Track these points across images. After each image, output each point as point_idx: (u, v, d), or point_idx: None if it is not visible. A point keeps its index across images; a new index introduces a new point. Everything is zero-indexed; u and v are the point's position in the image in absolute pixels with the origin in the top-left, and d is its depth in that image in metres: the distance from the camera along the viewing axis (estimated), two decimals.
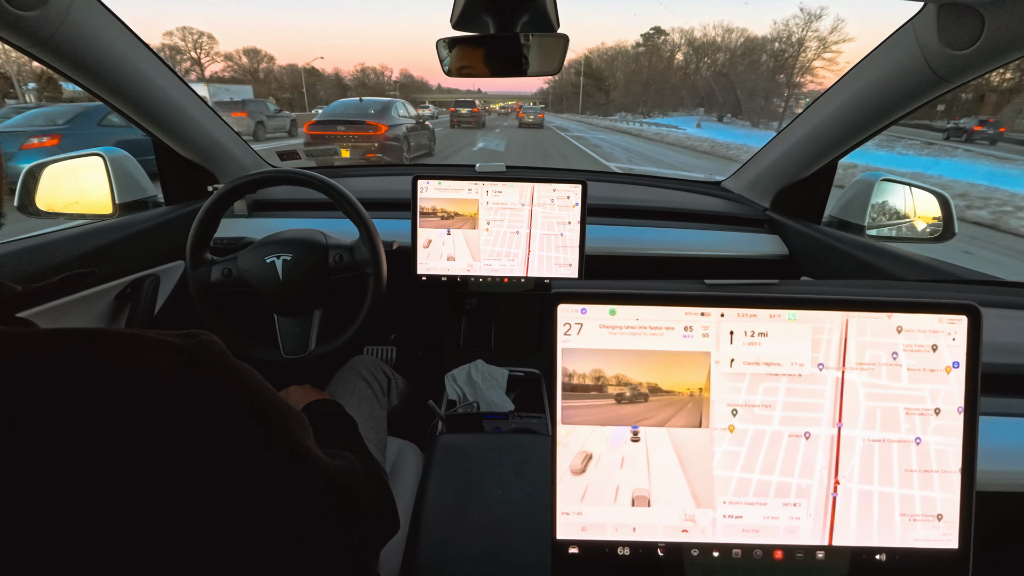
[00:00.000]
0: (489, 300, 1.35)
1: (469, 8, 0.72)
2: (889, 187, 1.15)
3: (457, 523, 0.70)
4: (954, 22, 0.71)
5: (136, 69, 0.92)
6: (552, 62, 0.82)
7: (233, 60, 77.75)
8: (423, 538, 0.68)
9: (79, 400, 0.31)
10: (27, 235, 0.86)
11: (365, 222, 0.95)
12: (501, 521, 0.70)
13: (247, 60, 79.61)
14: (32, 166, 1.03)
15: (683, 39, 76.86)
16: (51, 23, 0.73)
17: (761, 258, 1.26)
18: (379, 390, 1.00)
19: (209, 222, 0.94)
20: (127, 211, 1.10)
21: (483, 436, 0.92)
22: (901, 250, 0.97)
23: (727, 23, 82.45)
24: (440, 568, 0.65)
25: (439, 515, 0.71)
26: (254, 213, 1.29)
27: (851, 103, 0.96)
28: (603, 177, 1.60)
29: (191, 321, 0.99)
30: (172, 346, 0.35)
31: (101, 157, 1.09)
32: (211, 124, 1.16)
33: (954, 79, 0.77)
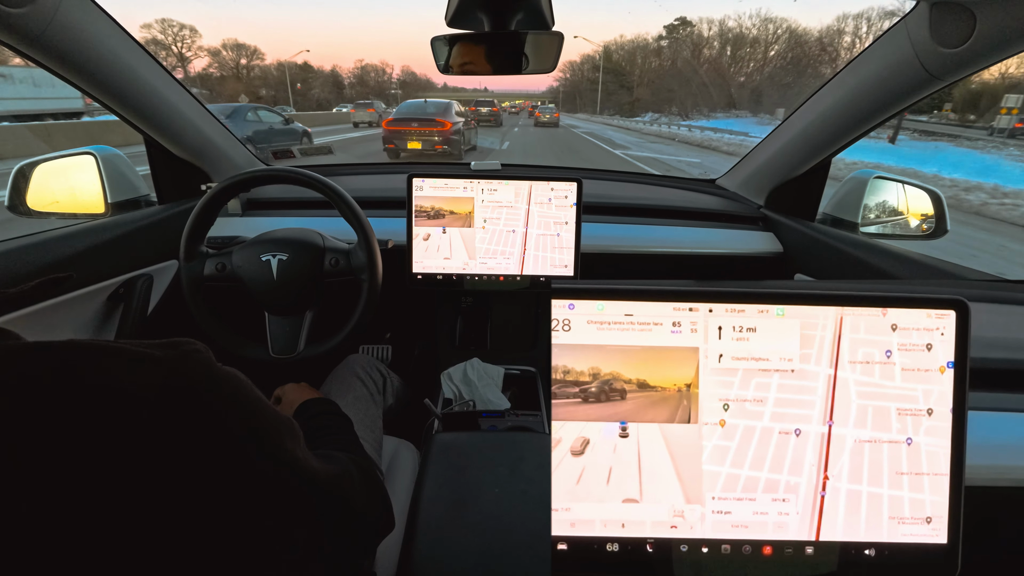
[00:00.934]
0: (485, 298, 1.35)
1: (464, 6, 0.72)
2: (882, 184, 1.16)
3: (454, 521, 0.70)
4: (946, 20, 0.71)
5: (127, 67, 0.91)
6: (547, 60, 0.82)
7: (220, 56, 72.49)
8: (420, 536, 0.68)
9: (55, 416, 0.31)
10: (19, 236, 0.85)
11: (363, 225, 0.95)
12: (497, 519, 0.71)
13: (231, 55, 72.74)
14: (23, 165, 1.02)
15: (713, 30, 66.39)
16: (41, 21, 0.73)
17: (755, 255, 1.26)
18: (375, 389, 1.00)
19: (206, 215, 0.94)
20: (120, 210, 1.09)
21: (479, 434, 0.93)
22: (895, 247, 0.98)
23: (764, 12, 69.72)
24: (437, 566, 0.65)
25: (435, 513, 0.71)
26: (248, 212, 1.28)
27: (844, 101, 0.97)
28: (598, 175, 1.60)
29: (184, 321, 0.99)
30: (152, 359, 0.35)
31: (93, 156, 1.08)
32: (204, 122, 1.15)
33: (946, 77, 0.77)
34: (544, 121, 27.96)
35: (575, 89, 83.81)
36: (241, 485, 0.37)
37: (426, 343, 1.52)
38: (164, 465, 0.33)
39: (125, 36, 0.90)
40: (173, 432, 0.34)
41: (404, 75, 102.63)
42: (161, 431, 0.33)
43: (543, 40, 0.79)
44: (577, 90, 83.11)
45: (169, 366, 0.35)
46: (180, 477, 0.34)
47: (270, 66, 74.87)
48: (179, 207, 1.15)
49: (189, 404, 0.35)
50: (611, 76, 73.92)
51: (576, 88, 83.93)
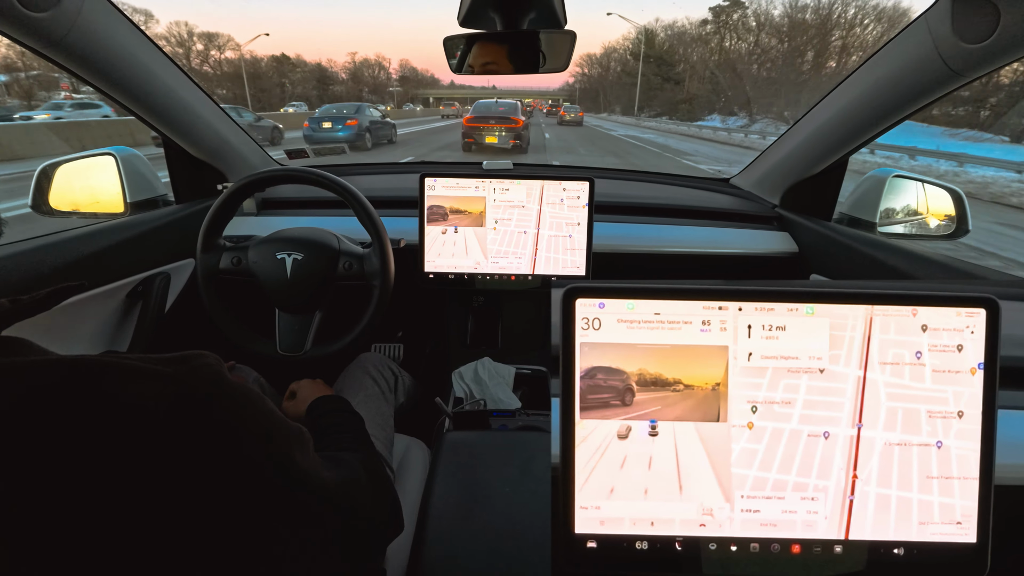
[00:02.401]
0: (496, 298, 1.35)
1: (477, 5, 0.72)
2: (901, 183, 1.14)
3: (464, 520, 0.70)
4: (969, 15, 0.70)
5: (146, 68, 0.93)
6: (560, 59, 0.82)
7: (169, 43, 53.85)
8: (430, 535, 0.68)
9: (63, 431, 0.31)
10: (42, 235, 0.87)
11: (377, 228, 0.95)
12: (508, 518, 0.70)
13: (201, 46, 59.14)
14: (46, 165, 1.04)
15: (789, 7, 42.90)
16: (64, 24, 0.74)
17: (770, 255, 1.25)
18: (386, 387, 1.01)
19: (223, 214, 0.96)
20: (138, 210, 1.11)
21: (490, 434, 0.93)
22: (913, 247, 0.96)
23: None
24: (446, 565, 0.65)
25: (446, 512, 0.72)
26: (263, 211, 1.30)
27: (863, 98, 0.95)
28: (611, 174, 1.59)
29: (200, 318, 1.00)
30: (161, 375, 0.35)
31: (113, 156, 1.10)
32: (220, 123, 1.17)
33: (968, 73, 0.75)
34: (568, 120, 28.64)
35: (597, 85, 70.98)
36: (249, 494, 0.38)
37: (437, 342, 1.53)
38: (174, 477, 0.34)
39: (143, 38, 0.91)
40: (182, 445, 0.34)
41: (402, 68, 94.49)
42: (171, 444, 0.34)
43: (556, 39, 0.79)
44: (601, 86, 69.45)
45: (179, 380, 0.36)
46: (190, 488, 0.34)
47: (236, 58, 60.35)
48: (196, 207, 1.16)
49: (198, 417, 0.35)
50: (652, 67, 54.13)
51: (599, 84, 70.46)
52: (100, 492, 0.31)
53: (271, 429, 0.41)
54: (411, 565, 0.67)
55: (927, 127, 18.35)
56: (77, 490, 0.31)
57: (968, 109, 21.80)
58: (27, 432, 0.31)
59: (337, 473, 0.49)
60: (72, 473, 0.31)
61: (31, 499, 0.30)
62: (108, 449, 0.32)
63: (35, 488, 0.30)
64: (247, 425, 0.39)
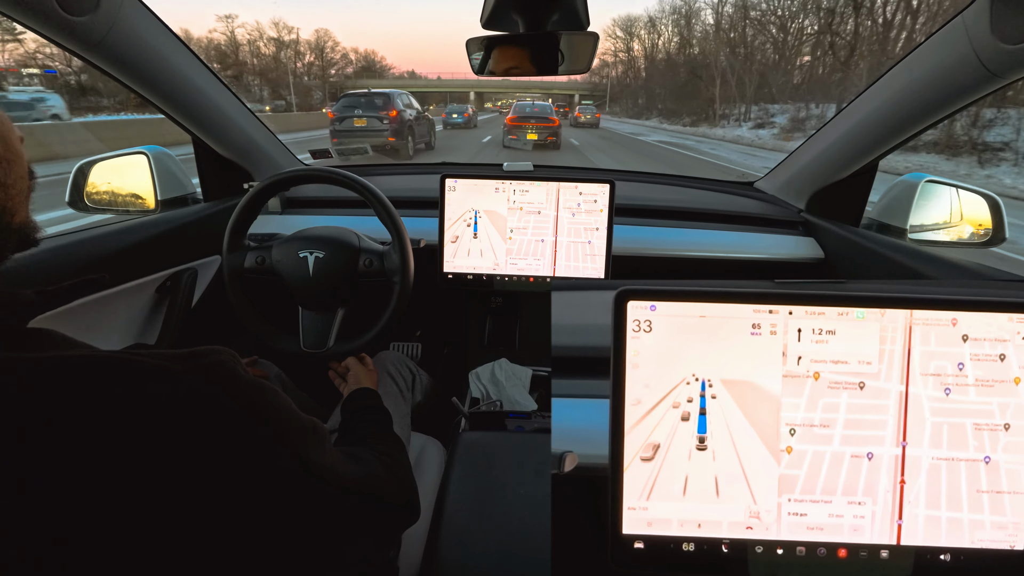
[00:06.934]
0: (514, 299, 1.36)
1: (500, 7, 0.72)
2: (934, 188, 1.10)
3: (478, 520, 0.71)
4: (1008, 14, 0.67)
5: (178, 70, 0.96)
6: (582, 60, 0.82)
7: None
8: (444, 533, 0.68)
9: (75, 427, 0.32)
10: (78, 229, 0.90)
11: (398, 227, 0.96)
12: (522, 519, 0.70)
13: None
14: (82, 164, 1.08)
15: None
16: (102, 27, 0.77)
17: (795, 261, 1.22)
18: (404, 385, 1.02)
19: (249, 212, 0.98)
20: (168, 207, 1.14)
21: (506, 435, 0.93)
22: (946, 254, 0.93)
23: None
24: (460, 563, 0.65)
25: (460, 511, 0.72)
26: (287, 210, 1.33)
27: (895, 100, 0.92)
28: (632, 177, 1.58)
29: (225, 313, 1.03)
30: (171, 374, 0.36)
31: (145, 155, 1.13)
32: (248, 124, 1.20)
33: (1007, 75, 0.73)
34: (582, 122, 25.44)
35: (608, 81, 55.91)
36: (261, 488, 0.38)
37: (455, 342, 1.53)
38: (182, 474, 0.34)
39: (176, 41, 0.94)
40: (190, 442, 0.35)
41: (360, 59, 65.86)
42: (179, 441, 0.34)
43: (577, 40, 0.79)
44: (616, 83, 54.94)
45: (189, 376, 0.36)
46: (198, 485, 0.35)
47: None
48: (223, 204, 1.19)
49: (205, 415, 0.36)
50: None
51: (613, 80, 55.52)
52: (110, 488, 0.32)
53: (284, 423, 0.42)
54: (425, 563, 0.67)
55: None
56: (87, 486, 0.31)
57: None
58: (41, 429, 0.31)
59: (354, 468, 0.50)
60: (83, 469, 0.32)
61: (45, 494, 0.31)
62: (118, 446, 0.32)
63: (48, 484, 0.31)
64: (258, 418, 0.39)
